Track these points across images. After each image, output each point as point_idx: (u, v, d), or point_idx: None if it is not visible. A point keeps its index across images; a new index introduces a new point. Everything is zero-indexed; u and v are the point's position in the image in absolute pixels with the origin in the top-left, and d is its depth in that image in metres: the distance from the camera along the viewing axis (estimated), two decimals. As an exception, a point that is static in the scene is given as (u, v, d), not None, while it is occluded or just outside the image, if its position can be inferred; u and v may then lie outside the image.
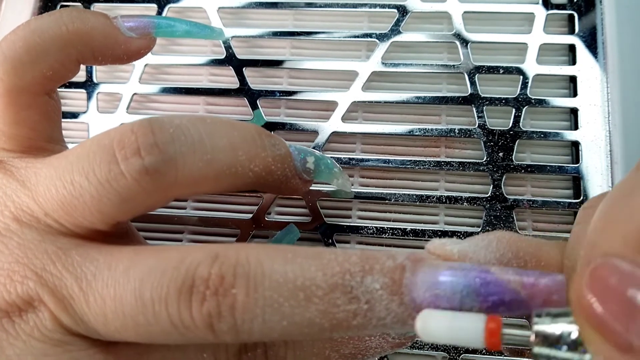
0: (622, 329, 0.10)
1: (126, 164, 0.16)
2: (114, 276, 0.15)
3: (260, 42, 0.28)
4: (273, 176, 0.19)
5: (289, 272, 0.15)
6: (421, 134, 0.25)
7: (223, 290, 0.15)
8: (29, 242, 0.16)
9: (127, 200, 0.16)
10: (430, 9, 0.27)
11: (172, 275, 0.15)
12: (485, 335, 0.13)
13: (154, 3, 0.28)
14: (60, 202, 0.16)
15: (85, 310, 0.15)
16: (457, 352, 0.23)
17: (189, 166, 0.16)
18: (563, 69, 0.26)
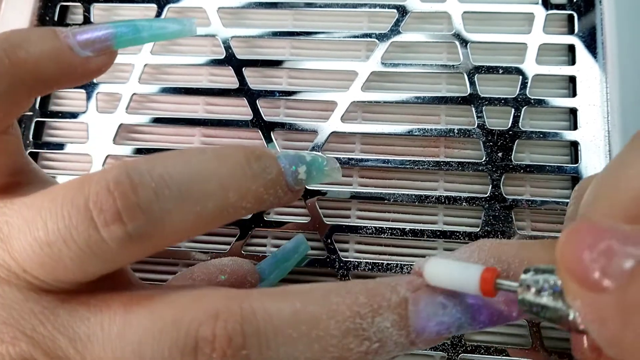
0: (597, 273, 0.12)
1: (107, 231, 0.15)
2: (109, 338, 0.15)
3: (260, 42, 0.28)
4: (265, 204, 0.18)
5: (302, 326, 0.15)
6: (420, 134, 0.25)
7: (232, 352, 0.14)
8: (11, 302, 0.15)
9: (111, 261, 0.15)
10: (430, 9, 0.27)
11: (172, 337, 0.14)
12: (480, 282, 0.15)
13: (154, 3, 0.28)
14: (39, 263, 0.15)
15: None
16: (456, 352, 0.23)
17: (177, 222, 0.15)
18: (562, 69, 0.26)
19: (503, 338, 0.24)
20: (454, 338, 0.23)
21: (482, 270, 0.15)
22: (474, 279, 0.15)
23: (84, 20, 0.29)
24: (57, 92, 0.28)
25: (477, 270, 0.15)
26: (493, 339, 0.24)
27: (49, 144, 0.27)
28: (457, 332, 0.16)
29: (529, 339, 0.23)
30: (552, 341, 0.23)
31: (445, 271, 0.15)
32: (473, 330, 0.16)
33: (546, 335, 0.23)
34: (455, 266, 0.15)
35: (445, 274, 0.15)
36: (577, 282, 0.12)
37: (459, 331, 0.16)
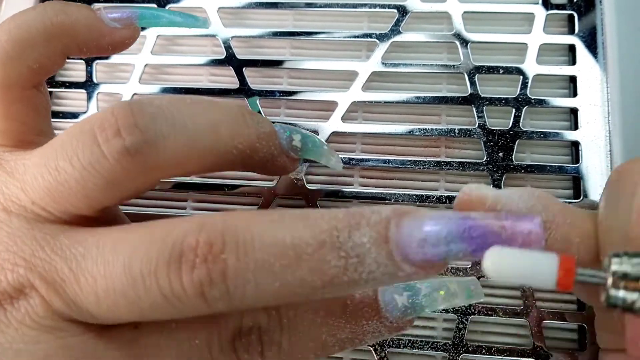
0: None
1: (107, 146, 0.16)
2: (103, 254, 0.15)
3: (260, 42, 0.28)
4: (258, 154, 0.19)
5: (277, 233, 0.15)
6: (421, 134, 0.25)
7: (212, 257, 0.15)
8: (17, 231, 0.16)
9: (111, 183, 0.16)
10: (430, 9, 0.27)
11: (160, 247, 0.15)
12: (559, 274, 0.12)
13: (154, 3, 0.28)
14: (47, 189, 0.16)
15: (77, 291, 0.15)
16: (457, 352, 0.23)
17: (170, 147, 0.16)
18: (563, 69, 0.26)
19: (504, 338, 0.24)
20: (455, 338, 0.23)
21: (559, 259, 0.13)
22: (550, 271, 0.13)
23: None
24: (58, 93, 0.28)
25: (552, 260, 0.13)
26: (494, 339, 0.24)
27: (49, 144, 0.27)
28: (452, 259, 0.14)
29: (530, 339, 0.23)
30: (554, 341, 0.23)
31: (512, 262, 0.13)
32: (470, 258, 0.15)
33: (548, 335, 0.23)
34: (523, 256, 0.13)
35: (513, 267, 0.13)
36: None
37: (453, 258, 0.14)
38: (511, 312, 0.23)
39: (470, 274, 0.24)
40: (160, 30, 0.28)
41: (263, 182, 0.26)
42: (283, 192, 0.25)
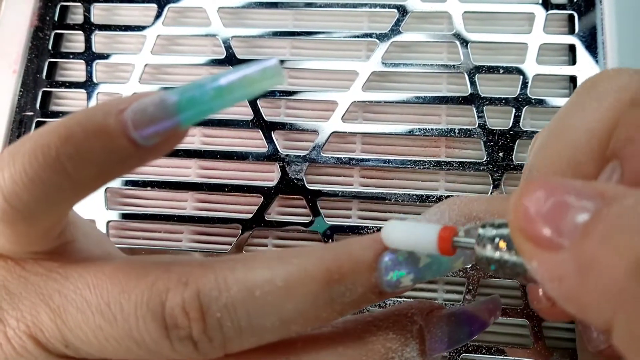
0: (551, 231, 0.11)
1: (181, 346, 0.15)
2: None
3: (260, 42, 0.28)
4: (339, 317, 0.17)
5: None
6: (421, 133, 0.25)
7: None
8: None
9: (171, 358, 0.16)
10: (430, 9, 0.27)
11: None
12: (438, 241, 0.14)
13: (154, 3, 0.28)
14: (95, 348, 0.15)
15: None
16: (457, 352, 0.23)
17: (236, 346, 0.16)
18: (563, 69, 0.26)
19: (504, 338, 0.24)
20: (455, 338, 0.23)
21: (440, 229, 0.15)
22: (431, 238, 0.15)
23: (84, 20, 0.29)
24: (58, 92, 0.28)
25: (434, 230, 0.15)
26: (494, 338, 0.24)
27: (49, 144, 0.27)
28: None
29: (530, 339, 0.23)
30: (554, 341, 0.23)
31: (402, 232, 0.15)
32: None
33: (548, 335, 0.23)
34: (412, 227, 0.15)
35: (402, 235, 0.15)
36: (530, 242, 0.12)
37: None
38: (511, 312, 0.23)
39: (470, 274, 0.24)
40: (160, 30, 0.28)
41: (263, 182, 0.26)
42: (283, 192, 0.25)
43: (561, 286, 0.12)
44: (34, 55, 0.28)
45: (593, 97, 0.16)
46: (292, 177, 0.25)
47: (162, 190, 0.26)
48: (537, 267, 0.12)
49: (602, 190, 0.11)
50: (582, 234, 0.11)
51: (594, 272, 0.11)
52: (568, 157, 0.15)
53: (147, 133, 0.14)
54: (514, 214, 0.12)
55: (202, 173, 0.27)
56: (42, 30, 0.29)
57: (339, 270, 0.15)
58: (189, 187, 0.26)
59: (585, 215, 0.11)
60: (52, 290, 0.16)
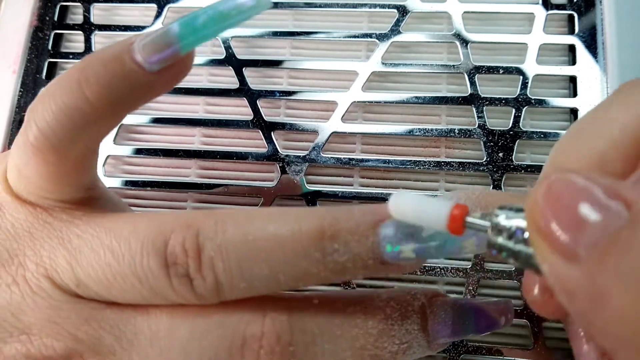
0: (569, 239, 0.11)
1: (178, 284, 0.16)
2: (157, 337, 0.16)
3: (260, 42, 0.28)
4: (337, 280, 0.17)
5: None
6: (421, 134, 0.25)
7: (280, 349, 0.16)
8: (60, 303, 0.16)
9: (171, 301, 0.16)
10: (430, 9, 0.27)
11: (221, 337, 0.16)
12: (449, 219, 0.14)
13: (154, 3, 0.28)
14: (103, 286, 0.16)
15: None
16: (457, 352, 0.23)
17: (227, 291, 0.16)
18: (563, 69, 0.26)
19: (504, 339, 0.24)
20: (455, 338, 0.23)
21: (452, 206, 0.14)
22: (442, 214, 0.14)
23: (84, 20, 0.29)
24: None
25: (445, 206, 0.14)
26: (494, 339, 0.24)
27: (48, 145, 0.27)
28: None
29: (530, 340, 0.23)
30: (554, 341, 0.23)
31: (411, 203, 0.14)
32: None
33: (548, 335, 0.23)
34: (423, 200, 0.14)
35: (411, 207, 0.14)
36: (546, 242, 0.11)
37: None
38: (511, 312, 0.23)
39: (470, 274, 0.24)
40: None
41: (263, 182, 0.26)
42: (283, 192, 0.25)
43: (571, 301, 0.11)
44: (34, 56, 0.28)
45: (636, 95, 0.15)
46: (292, 177, 0.25)
47: (161, 191, 0.26)
48: (548, 272, 0.11)
49: (630, 198, 0.10)
50: (599, 257, 0.10)
51: (605, 306, 0.10)
52: (599, 151, 0.14)
53: (152, 59, 0.16)
54: (532, 210, 0.12)
55: (202, 173, 0.27)
56: (41, 30, 0.29)
57: (334, 227, 0.15)
58: (189, 187, 0.26)
59: (604, 229, 0.10)
60: (72, 235, 0.17)
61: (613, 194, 0.11)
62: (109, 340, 0.16)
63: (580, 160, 0.15)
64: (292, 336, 0.16)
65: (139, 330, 0.16)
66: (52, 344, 0.16)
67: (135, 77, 0.16)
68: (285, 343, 0.15)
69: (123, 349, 0.16)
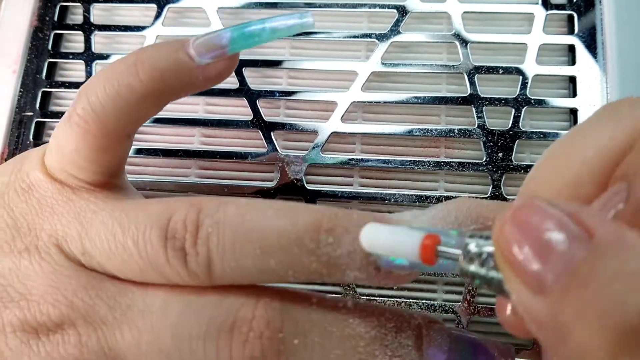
0: (534, 269, 0.11)
1: (173, 257, 0.16)
2: (150, 309, 0.16)
3: (259, 42, 0.28)
4: (329, 279, 0.16)
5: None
6: (421, 134, 0.25)
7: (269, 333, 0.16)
8: (63, 269, 0.17)
9: (168, 279, 0.17)
10: (430, 9, 0.27)
11: (212, 315, 0.16)
12: (421, 250, 0.14)
13: (154, 3, 0.28)
14: (105, 255, 0.17)
15: (117, 338, 0.16)
16: (457, 353, 0.23)
17: (218, 270, 0.16)
18: (562, 70, 0.26)
19: (504, 338, 0.24)
20: (455, 338, 0.23)
21: (423, 236, 0.14)
22: (414, 246, 0.14)
23: (83, 20, 0.29)
24: (58, 93, 0.28)
25: (417, 237, 0.14)
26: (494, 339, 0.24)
27: (48, 145, 0.27)
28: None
29: (530, 339, 0.23)
30: (553, 341, 0.23)
31: (383, 237, 0.15)
32: None
33: (547, 335, 0.23)
34: (393, 231, 0.14)
35: (383, 240, 0.15)
36: (512, 270, 0.11)
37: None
38: (511, 312, 0.23)
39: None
40: (160, 30, 0.28)
41: (262, 182, 0.26)
42: (283, 192, 0.25)
43: (539, 331, 0.11)
44: (34, 56, 0.28)
45: (611, 118, 0.15)
46: (292, 177, 0.25)
47: (161, 191, 0.26)
48: (517, 302, 0.11)
49: (592, 226, 0.11)
50: (561, 290, 0.10)
51: (567, 340, 0.10)
52: (571, 174, 0.15)
53: (203, 55, 0.19)
54: (498, 238, 0.12)
55: (202, 173, 0.27)
56: (41, 31, 0.29)
57: (332, 221, 0.16)
58: (188, 187, 0.26)
59: (568, 260, 0.10)
60: (89, 210, 0.18)
61: (577, 221, 0.11)
62: (103, 309, 0.16)
63: (552, 186, 0.15)
64: (282, 324, 0.16)
65: (133, 303, 0.16)
66: (47, 310, 0.16)
67: (184, 66, 0.18)
68: (274, 329, 0.15)
69: (115, 319, 0.16)
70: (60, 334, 0.16)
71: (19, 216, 0.18)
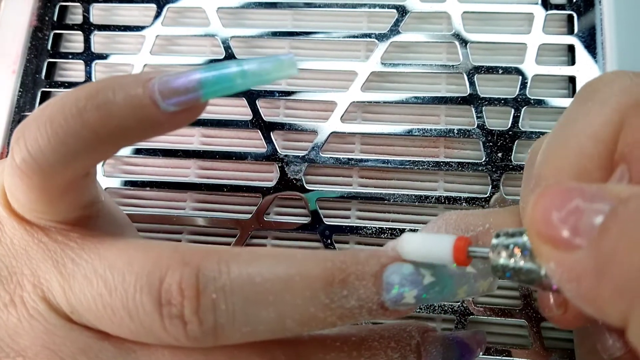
0: (569, 230, 0.12)
1: (170, 325, 0.15)
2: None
3: (259, 42, 0.28)
4: (339, 324, 0.16)
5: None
6: (420, 134, 0.25)
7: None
8: (56, 329, 0.16)
9: (164, 342, 0.16)
10: (430, 9, 0.27)
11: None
12: (453, 252, 0.15)
13: (153, 3, 0.28)
14: (94, 315, 0.16)
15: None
16: (456, 352, 0.23)
17: (227, 335, 0.15)
18: (562, 70, 0.26)
19: (504, 339, 0.24)
20: (454, 338, 0.23)
21: (454, 240, 0.15)
22: (447, 250, 0.15)
23: (83, 20, 0.29)
24: (57, 92, 0.28)
25: (449, 241, 0.15)
26: (494, 339, 0.24)
27: (48, 144, 0.27)
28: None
29: (529, 339, 0.23)
30: (553, 341, 0.23)
31: (418, 245, 0.16)
32: None
33: (547, 335, 0.23)
34: (427, 237, 0.16)
35: (418, 248, 0.15)
36: (549, 243, 0.12)
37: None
38: (510, 312, 0.23)
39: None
40: (159, 30, 0.28)
41: (262, 182, 0.26)
42: (282, 192, 0.25)
43: (579, 286, 0.12)
44: (33, 56, 0.28)
45: (596, 102, 0.15)
46: (291, 177, 0.25)
47: (160, 191, 0.26)
48: (554, 269, 0.12)
49: (617, 191, 0.12)
50: (600, 232, 0.11)
51: (612, 268, 0.11)
52: (575, 165, 0.15)
53: (170, 100, 0.15)
54: (532, 218, 0.12)
55: (201, 173, 0.27)
56: (41, 31, 0.29)
57: (343, 272, 0.15)
58: (188, 187, 0.26)
59: (602, 216, 0.11)
60: (67, 258, 0.16)
61: (602, 191, 0.12)
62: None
63: (562, 173, 0.15)
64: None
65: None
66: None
67: (146, 112, 0.15)
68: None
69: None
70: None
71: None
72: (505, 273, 0.14)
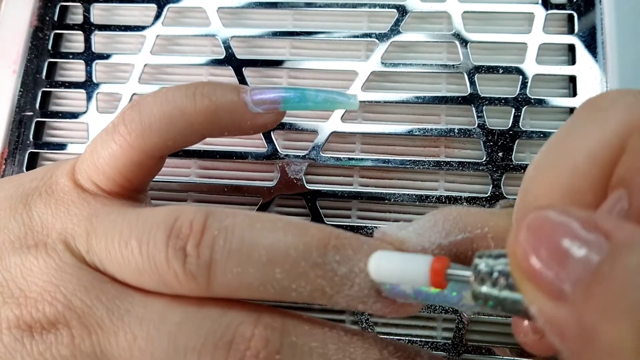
0: (553, 276, 0.11)
1: (173, 256, 0.16)
2: (150, 317, 0.16)
3: (259, 42, 0.28)
4: (330, 299, 0.16)
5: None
6: (421, 133, 0.25)
7: (265, 354, 0.15)
8: (67, 266, 0.17)
9: (165, 283, 0.16)
10: (430, 9, 0.27)
11: (210, 328, 0.16)
12: (431, 274, 0.14)
13: (154, 3, 0.28)
14: (108, 255, 0.17)
15: (111, 343, 0.16)
16: (457, 352, 0.23)
17: (219, 274, 0.16)
18: (562, 69, 0.26)
19: (504, 339, 0.24)
20: (455, 338, 0.23)
21: (432, 261, 0.14)
22: (423, 272, 0.14)
23: (83, 20, 0.29)
24: (58, 93, 0.28)
25: (425, 262, 0.14)
26: (494, 339, 0.24)
27: (49, 144, 0.27)
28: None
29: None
30: (553, 341, 0.23)
31: (391, 265, 0.15)
32: None
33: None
34: (402, 259, 0.14)
35: (391, 268, 0.14)
36: (532, 283, 0.11)
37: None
38: (511, 312, 0.23)
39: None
40: (160, 30, 0.28)
41: (263, 182, 0.26)
42: (283, 192, 0.25)
43: (562, 342, 0.11)
44: (34, 56, 0.28)
45: (596, 120, 0.14)
46: (292, 177, 0.25)
47: (161, 191, 0.26)
48: (538, 314, 0.11)
49: (607, 229, 0.10)
50: (584, 293, 0.10)
51: (595, 344, 0.10)
52: (568, 184, 0.14)
53: (257, 104, 0.20)
54: (513, 252, 0.11)
55: (202, 173, 0.27)
56: (41, 30, 0.29)
57: (340, 240, 0.16)
58: (189, 187, 0.26)
59: (587, 263, 0.10)
60: (103, 212, 0.18)
61: (591, 226, 0.11)
62: (100, 312, 0.16)
63: (552, 192, 0.14)
64: (281, 346, 0.15)
65: (133, 308, 0.16)
66: (43, 307, 0.16)
67: (237, 108, 0.20)
68: (272, 350, 0.15)
69: (112, 324, 0.16)
70: (54, 334, 0.16)
71: (36, 216, 0.19)
72: (487, 302, 0.13)
